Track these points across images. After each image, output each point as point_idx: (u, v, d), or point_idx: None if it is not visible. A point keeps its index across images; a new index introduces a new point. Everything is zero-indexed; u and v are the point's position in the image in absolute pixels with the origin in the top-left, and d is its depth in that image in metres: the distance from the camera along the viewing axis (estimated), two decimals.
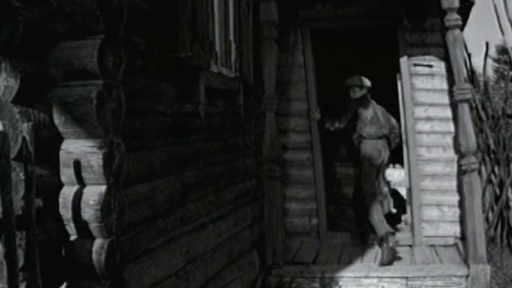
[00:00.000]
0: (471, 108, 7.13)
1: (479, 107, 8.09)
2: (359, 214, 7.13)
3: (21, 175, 2.43)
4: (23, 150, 2.39)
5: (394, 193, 8.56)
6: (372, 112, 6.91)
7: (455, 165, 6.64)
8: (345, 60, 9.16)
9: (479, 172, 6.54)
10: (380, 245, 6.36)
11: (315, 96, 7.29)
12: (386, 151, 6.91)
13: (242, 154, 5.64)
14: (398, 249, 6.35)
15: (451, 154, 6.81)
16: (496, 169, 7.82)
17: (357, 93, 6.96)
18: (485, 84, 8.58)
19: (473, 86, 7.99)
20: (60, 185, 2.75)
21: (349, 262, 6.36)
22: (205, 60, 4.34)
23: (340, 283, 6.03)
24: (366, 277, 6.05)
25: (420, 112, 6.99)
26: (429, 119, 6.96)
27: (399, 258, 6.34)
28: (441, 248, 6.71)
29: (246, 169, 5.77)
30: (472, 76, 8.20)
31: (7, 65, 2.51)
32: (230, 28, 5.33)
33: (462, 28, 6.08)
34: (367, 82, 7.00)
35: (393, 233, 6.46)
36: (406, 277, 5.97)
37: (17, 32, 2.50)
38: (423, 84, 7.00)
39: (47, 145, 2.67)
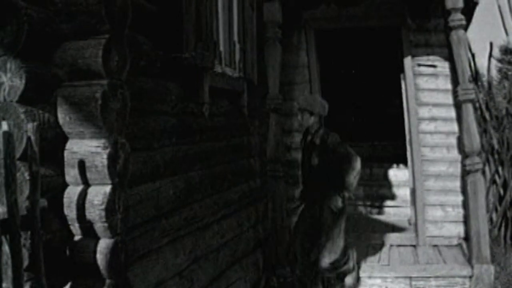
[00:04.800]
0: (475, 108, 7.14)
1: (483, 107, 8.08)
2: None
3: (26, 175, 2.43)
4: (28, 150, 2.40)
5: None
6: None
7: (459, 165, 6.63)
8: (349, 60, 9.18)
9: (483, 173, 6.51)
10: None
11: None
12: None
13: (246, 154, 5.64)
14: (402, 249, 6.31)
15: (455, 154, 6.80)
16: (500, 169, 7.81)
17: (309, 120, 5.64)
18: (489, 84, 8.56)
19: (477, 86, 7.99)
20: (65, 185, 2.76)
21: None
22: (209, 60, 4.34)
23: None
24: (369, 277, 6.04)
25: (424, 112, 6.97)
26: (433, 119, 6.95)
27: (403, 258, 6.33)
28: (445, 248, 6.70)
29: (250, 169, 5.77)
30: (476, 76, 8.19)
31: (12, 65, 2.52)
32: (234, 29, 5.34)
33: (466, 28, 6.06)
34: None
35: None
36: (410, 277, 5.97)
37: (22, 32, 2.50)
38: (427, 84, 6.99)
39: (51, 145, 2.68)
